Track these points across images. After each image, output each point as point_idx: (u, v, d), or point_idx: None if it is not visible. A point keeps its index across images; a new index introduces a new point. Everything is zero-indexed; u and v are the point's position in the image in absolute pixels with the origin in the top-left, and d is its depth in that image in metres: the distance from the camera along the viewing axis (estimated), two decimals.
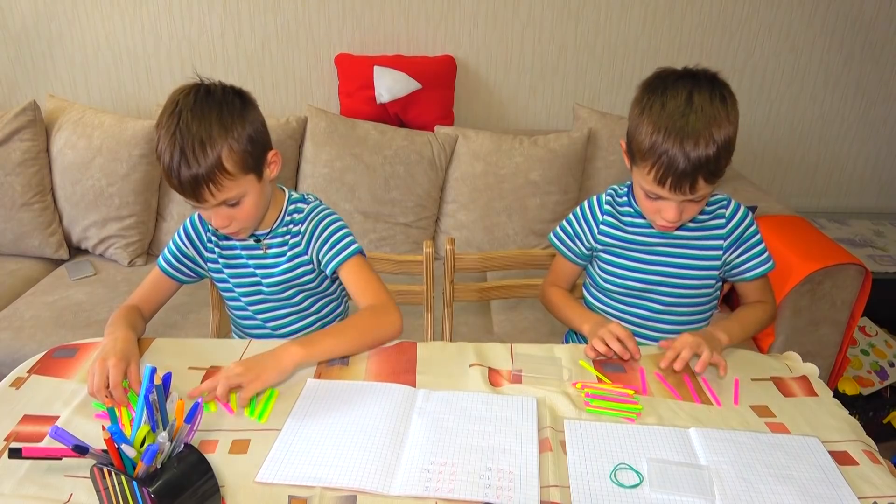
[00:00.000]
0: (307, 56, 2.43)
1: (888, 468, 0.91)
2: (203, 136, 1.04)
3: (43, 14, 2.32)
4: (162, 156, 1.06)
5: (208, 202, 1.09)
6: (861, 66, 2.54)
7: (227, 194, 1.09)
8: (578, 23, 2.41)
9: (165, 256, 1.27)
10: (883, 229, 2.55)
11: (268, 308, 1.29)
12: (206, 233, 1.26)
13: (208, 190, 1.06)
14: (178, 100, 1.07)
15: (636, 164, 1.12)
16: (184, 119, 1.04)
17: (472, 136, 2.22)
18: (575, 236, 1.31)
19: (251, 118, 1.11)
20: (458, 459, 0.89)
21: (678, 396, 1.04)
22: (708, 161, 1.04)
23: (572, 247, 1.32)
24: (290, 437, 0.93)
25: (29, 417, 0.98)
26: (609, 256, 1.28)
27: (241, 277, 1.27)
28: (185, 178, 1.05)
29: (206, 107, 1.06)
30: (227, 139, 1.06)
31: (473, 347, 1.15)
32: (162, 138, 1.05)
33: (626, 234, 1.25)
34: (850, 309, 1.77)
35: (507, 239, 2.18)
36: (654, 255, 1.24)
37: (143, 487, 0.76)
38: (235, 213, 1.12)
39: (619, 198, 1.28)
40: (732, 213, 1.21)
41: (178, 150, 1.03)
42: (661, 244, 1.23)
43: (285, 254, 1.25)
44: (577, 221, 1.31)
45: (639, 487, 0.86)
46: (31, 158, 2.07)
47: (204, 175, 1.05)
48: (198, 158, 1.04)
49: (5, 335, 1.78)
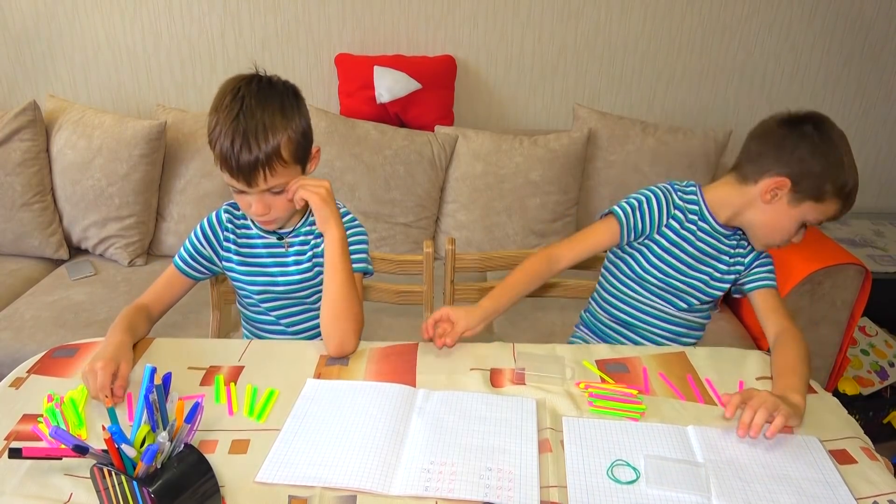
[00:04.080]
0: (307, 56, 2.43)
1: (885, 465, 0.92)
2: (266, 123, 1.08)
3: (43, 14, 2.32)
4: (219, 139, 1.08)
5: (258, 187, 1.11)
6: (861, 66, 2.54)
7: (277, 181, 1.12)
8: (578, 23, 2.41)
9: (181, 255, 1.29)
10: (883, 229, 2.55)
11: (282, 305, 1.30)
12: (223, 231, 1.27)
13: (263, 175, 1.09)
14: (240, 87, 1.11)
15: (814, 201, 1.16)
16: (247, 104, 1.08)
17: (472, 136, 2.21)
18: (644, 215, 1.26)
19: (304, 112, 1.16)
20: (458, 459, 0.89)
21: (681, 397, 1.04)
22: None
23: (635, 223, 1.26)
24: (290, 437, 0.93)
25: (28, 417, 0.98)
26: (660, 252, 1.28)
27: (258, 276, 1.28)
28: (243, 161, 1.08)
29: (269, 96, 1.11)
30: (287, 129, 1.11)
31: (474, 348, 1.15)
32: (221, 122, 1.08)
33: (687, 234, 1.27)
34: (850, 309, 1.77)
35: (507, 239, 2.18)
36: (701, 264, 1.28)
37: (143, 487, 0.76)
38: (276, 201, 1.15)
39: (685, 198, 1.28)
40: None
41: (241, 133, 1.07)
42: (708, 254, 1.28)
43: (306, 253, 1.26)
44: (648, 204, 1.26)
45: (635, 483, 0.86)
46: (31, 158, 2.07)
47: (263, 160, 1.08)
48: (259, 143, 1.07)
49: (5, 335, 1.78)
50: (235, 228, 1.27)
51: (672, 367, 1.11)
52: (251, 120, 1.07)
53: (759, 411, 0.93)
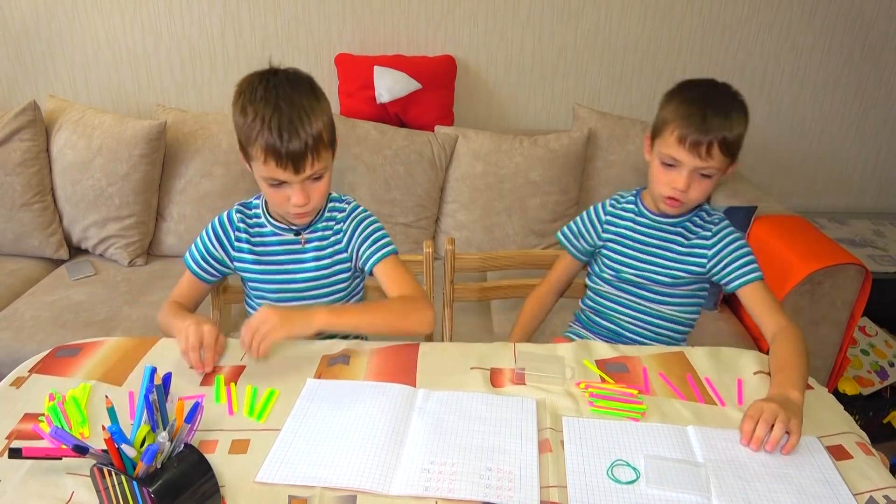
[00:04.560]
0: (307, 56, 2.43)
1: (881, 459, 0.92)
2: (307, 107, 1.09)
3: (43, 14, 2.32)
4: (262, 131, 1.08)
5: (304, 173, 1.11)
6: (861, 66, 2.54)
7: (321, 164, 1.13)
8: (578, 23, 2.42)
9: (193, 257, 1.29)
10: (883, 229, 2.55)
11: (296, 306, 1.30)
12: (234, 231, 1.28)
13: (310, 159, 1.10)
14: (268, 78, 1.12)
15: (659, 136, 1.24)
16: (284, 93, 1.09)
17: (472, 136, 2.22)
18: (580, 234, 1.44)
19: (326, 97, 1.17)
20: (458, 459, 0.89)
21: (682, 396, 1.04)
22: (724, 127, 1.17)
23: (576, 244, 1.45)
24: (290, 437, 0.93)
25: (30, 416, 0.98)
26: (609, 252, 1.39)
27: (274, 274, 1.28)
28: (293, 148, 1.08)
29: (298, 82, 1.13)
30: (323, 112, 1.13)
31: (474, 348, 1.15)
32: (260, 112, 1.08)
33: (626, 231, 1.38)
34: (850, 309, 1.77)
35: (507, 239, 2.18)
36: (647, 255, 1.35)
37: (143, 487, 0.76)
38: (315, 189, 1.16)
39: (622, 202, 1.41)
40: (720, 229, 1.30)
41: (287, 119, 1.07)
42: (654, 245, 1.34)
43: (324, 248, 1.27)
44: (582, 223, 1.44)
45: (635, 483, 0.86)
46: (31, 158, 2.07)
47: (311, 144, 1.09)
48: (305, 127, 1.08)
49: (5, 335, 1.78)
50: (248, 228, 1.27)
51: (672, 367, 1.11)
52: (292, 107, 1.08)
53: (759, 428, 0.91)
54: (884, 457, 0.94)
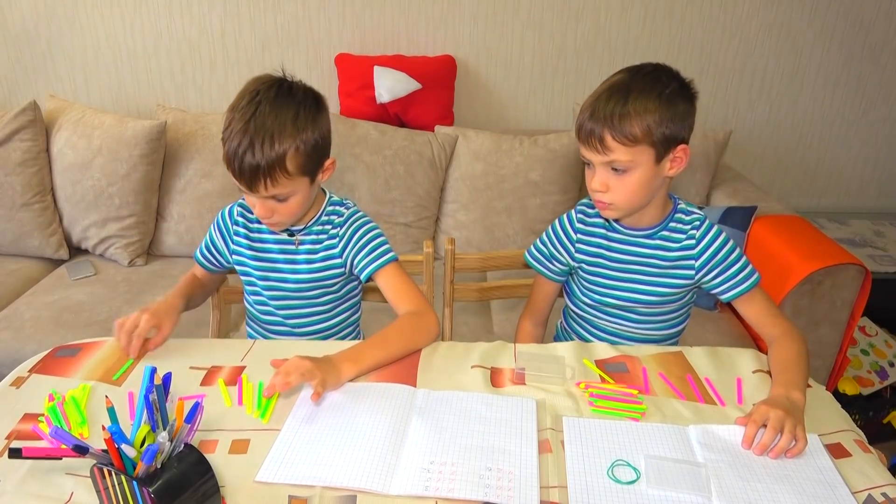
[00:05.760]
0: (307, 56, 2.43)
1: (879, 457, 0.92)
2: (275, 132, 1.07)
3: (43, 14, 2.33)
4: (229, 139, 1.08)
5: (259, 193, 1.12)
6: (861, 66, 2.54)
7: (279, 190, 1.11)
8: (578, 23, 2.42)
9: (200, 247, 1.33)
10: (883, 229, 2.56)
11: (291, 305, 1.30)
12: (233, 225, 1.28)
13: (264, 183, 1.09)
14: (260, 90, 1.10)
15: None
16: (261, 110, 1.08)
17: (472, 136, 2.22)
18: (552, 257, 1.31)
19: (321, 123, 1.15)
20: (458, 459, 0.89)
21: (682, 396, 1.04)
22: (615, 114, 1.07)
23: (551, 266, 1.32)
24: (290, 437, 0.93)
25: (30, 416, 0.98)
26: (586, 275, 1.29)
27: (269, 272, 1.28)
28: (246, 165, 1.07)
29: (285, 103, 1.10)
30: (296, 140, 1.09)
31: (475, 348, 1.15)
32: (235, 122, 1.08)
33: (601, 251, 1.26)
34: (850, 309, 1.77)
35: (507, 239, 2.18)
36: (629, 274, 1.24)
37: (143, 487, 0.76)
38: (280, 207, 1.15)
39: (591, 215, 1.27)
40: (703, 233, 1.20)
41: (248, 138, 1.06)
42: (634, 262, 1.24)
43: (317, 252, 1.26)
44: (551, 243, 1.31)
45: (635, 484, 0.86)
46: (31, 158, 2.07)
47: (265, 168, 1.07)
48: (264, 151, 1.06)
49: (5, 335, 1.78)
50: (248, 223, 1.28)
51: (672, 367, 1.11)
52: (261, 126, 1.07)
53: (765, 435, 0.90)
54: (882, 456, 0.94)
